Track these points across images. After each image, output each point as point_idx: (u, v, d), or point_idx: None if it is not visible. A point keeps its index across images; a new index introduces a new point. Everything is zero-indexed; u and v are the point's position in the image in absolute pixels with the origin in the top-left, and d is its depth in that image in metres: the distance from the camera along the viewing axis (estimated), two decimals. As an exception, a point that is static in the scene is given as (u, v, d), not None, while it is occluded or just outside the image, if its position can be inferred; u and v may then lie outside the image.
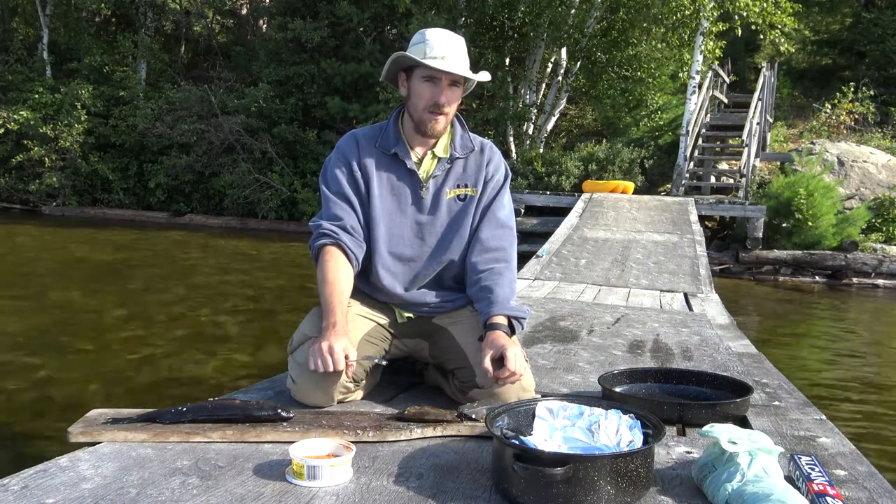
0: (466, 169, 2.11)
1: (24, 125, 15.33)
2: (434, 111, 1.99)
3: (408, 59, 1.97)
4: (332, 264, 1.96)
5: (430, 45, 1.96)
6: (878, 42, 15.45)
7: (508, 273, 2.05)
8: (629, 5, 13.46)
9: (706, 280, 5.59)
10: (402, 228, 2.06)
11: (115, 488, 1.38)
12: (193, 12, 20.29)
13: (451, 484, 1.47)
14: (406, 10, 14.17)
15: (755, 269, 9.96)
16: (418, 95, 2.00)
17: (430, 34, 1.99)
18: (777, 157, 13.40)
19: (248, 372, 4.35)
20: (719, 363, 2.80)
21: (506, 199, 2.14)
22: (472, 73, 2.02)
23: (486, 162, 2.12)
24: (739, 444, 1.43)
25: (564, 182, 12.53)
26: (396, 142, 2.07)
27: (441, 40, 1.98)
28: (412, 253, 2.07)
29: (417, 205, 2.07)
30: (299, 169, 15.05)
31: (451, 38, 2.01)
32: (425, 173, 2.08)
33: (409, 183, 2.07)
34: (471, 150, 2.11)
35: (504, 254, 2.08)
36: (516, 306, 2.00)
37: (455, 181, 2.09)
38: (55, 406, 3.69)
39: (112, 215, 15.50)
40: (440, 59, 1.95)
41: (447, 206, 2.08)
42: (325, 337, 1.81)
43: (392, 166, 2.07)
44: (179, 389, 4.00)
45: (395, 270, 2.07)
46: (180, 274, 8.59)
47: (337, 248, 1.99)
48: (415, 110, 2.02)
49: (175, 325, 5.64)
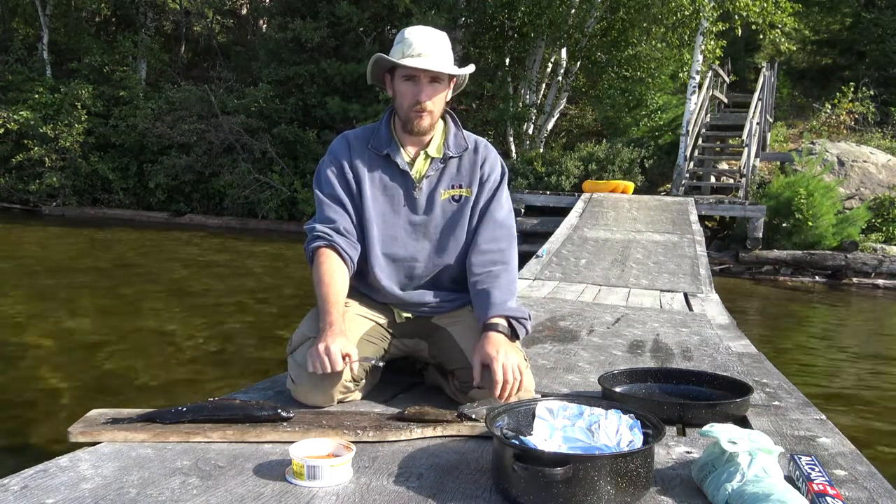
0: (461, 169, 2.09)
1: (24, 125, 15.33)
2: (417, 109, 1.97)
3: (386, 60, 1.96)
4: (328, 266, 1.95)
5: (407, 44, 1.95)
6: (878, 42, 15.46)
7: (506, 275, 2.03)
8: (629, 5, 13.46)
9: (706, 280, 5.59)
10: (396, 229, 2.05)
11: (115, 488, 1.38)
12: (193, 12, 20.29)
13: (451, 484, 1.47)
14: (406, 10, 14.18)
15: (755, 269, 9.96)
16: (401, 95, 1.99)
17: (408, 32, 1.98)
18: (777, 157, 13.40)
19: (248, 372, 4.35)
20: (719, 363, 2.80)
21: (504, 199, 2.12)
22: (459, 67, 2.00)
23: (480, 161, 2.10)
24: (739, 444, 1.43)
25: (564, 182, 12.53)
26: (388, 142, 2.06)
27: (419, 38, 1.95)
28: (406, 253, 2.06)
29: (411, 205, 2.05)
30: (299, 169, 15.05)
31: (430, 34, 1.98)
32: (418, 173, 2.06)
33: (402, 183, 2.05)
34: (464, 149, 2.09)
35: (502, 255, 2.05)
36: (515, 307, 1.97)
37: (449, 182, 2.08)
38: (55, 406, 3.69)
39: (112, 215, 15.50)
40: (417, 58, 1.93)
41: (441, 207, 2.07)
42: (323, 338, 1.81)
43: (384, 167, 2.06)
44: (179, 389, 4.00)
45: (390, 271, 2.07)
46: (180, 274, 8.59)
47: (331, 250, 1.98)
48: (400, 109, 2.02)
49: (175, 326, 5.63)
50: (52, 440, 3.09)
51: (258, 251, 11.07)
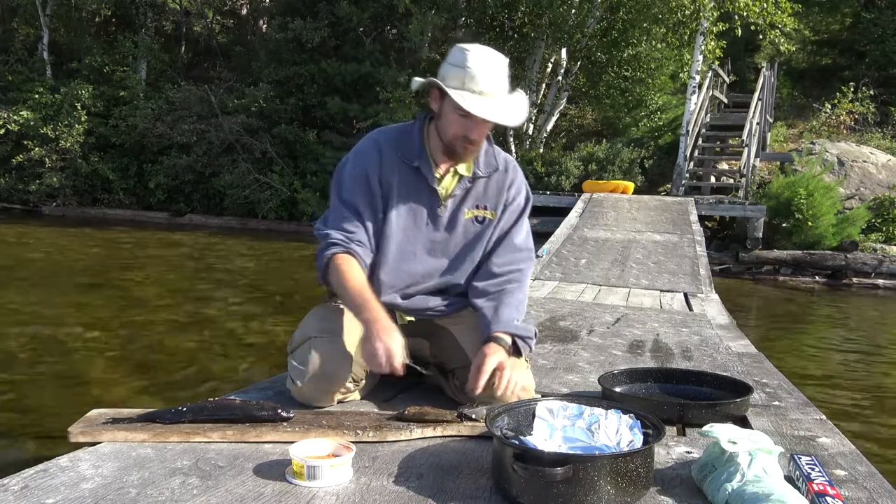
0: (487, 190, 2.01)
1: (25, 125, 15.33)
2: (465, 144, 1.89)
3: (444, 87, 1.82)
4: (348, 266, 1.88)
5: (469, 75, 1.81)
6: (878, 42, 15.45)
7: (518, 293, 1.98)
8: (629, 5, 13.46)
9: (706, 280, 5.59)
10: (416, 245, 1.99)
11: (115, 488, 1.38)
12: (193, 12, 20.29)
13: (451, 484, 1.47)
14: (406, 10, 14.18)
15: (755, 269, 9.96)
16: (449, 122, 1.88)
17: (471, 60, 1.82)
18: (777, 157, 13.40)
19: (247, 372, 4.35)
20: (719, 363, 2.80)
21: (525, 223, 2.07)
22: (512, 98, 1.88)
23: (508, 184, 2.03)
24: (739, 444, 1.43)
25: (564, 182, 12.53)
26: (420, 154, 1.96)
27: (483, 72, 1.81)
28: (422, 270, 2.02)
29: (434, 223, 1.99)
30: (299, 169, 15.06)
31: (494, 68, 1.84)
32: (445, 190, 1.99)
33: (428, 200, 1.98)
34: (494, 168, 2.01)
35: (516, 275, 2.01)
36: (521, 325, 1.93)
37: (474, 201, 2.00)
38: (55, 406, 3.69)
39: (112, 215, 15.49)
40: (478, 96, 1.80)
41: (464, 227, 2.01)
42: (376, 334, 1.74)
43: (412, 179, 1.96)
44: (179, 390, 4.00)
45: (399, 283, 2.01)
46: (179, 274, 8.59)
47: (349, 256, 1.90)
48: (444, 134, 1.91)
49: (174, 326, 5.63)
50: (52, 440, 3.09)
51: (258, 251, 11.07)
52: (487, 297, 1.97)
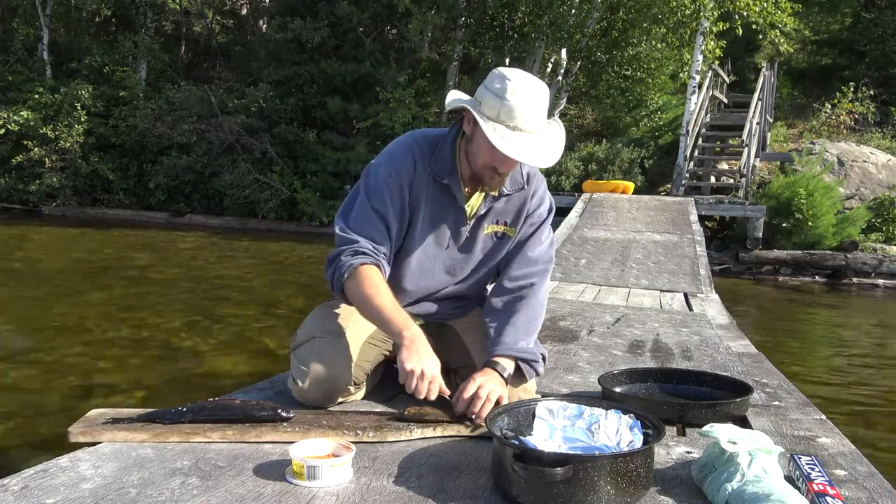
0: (508, 205, 1.96)
1: (25, 125, 15.34)
2: (493, 175, 1.83)
3: (476, 116, 1.73)
4: (378, 279, 1.81)
5: (507, 108, 1.71)
6: (878, 42, 15.45)
7: (528, 310, 1.92)
8: (629, 5, 13.47)
9: (706, 280, 5.59)
10: (435, 263, 1.97)
11: (115, 488, 1.38)
12: (193, 12, 20.30)
13: (451, 484, 1.47)
14: (406, 10, 14.18)
15: (755, 269, 9.97)
16: (479, 150, 1.79)
17: (510, 92, 1.71)
18: (777, 157, 13.40)
19: (247, 372, 4.34)
20: (719, 363, 2.80)
21: (544, 235, 2.01)
22: (549, 132, 1.79)
23: (530, 194, 1.97)
24: (739, 444, 1.43)
25: (564, 182, 12.53)
26: (451, 171, 1.88)
27: (522, 106, 1.71)
28: (439, 285, 2.01)
29: (456, 242, 1.96)
30: (299, 169, 15.07)
31: (534, 102, 1.73)
32: (471, 209, 1.94)
33: (454, 218, 1.93)
34: (520, 186, 1.94)
35: (528, 290, 1.95)
36: (525, 348, 1.87)
37: (495, 217, 1.96)
38: (55, 406, 3.69)
39: (112, 215, 15.51)
40: (512, 132, 1.71)
41: (482, 243, 1.98)
42: (418, 357, 1.71)
43: (441, 196, 1.90)
44: (179, 390, 4.00)
45: (411, 299, 2.01)
46: (179, 274, 8.59)
47: (377, 269, 1.84)
48: (473, 161, 1.84)
49: (174, 326, 5.63)
50: (52, 440, 3.09)
51: (257, 251, 11.06)
52: (495, 316, 1.94)
